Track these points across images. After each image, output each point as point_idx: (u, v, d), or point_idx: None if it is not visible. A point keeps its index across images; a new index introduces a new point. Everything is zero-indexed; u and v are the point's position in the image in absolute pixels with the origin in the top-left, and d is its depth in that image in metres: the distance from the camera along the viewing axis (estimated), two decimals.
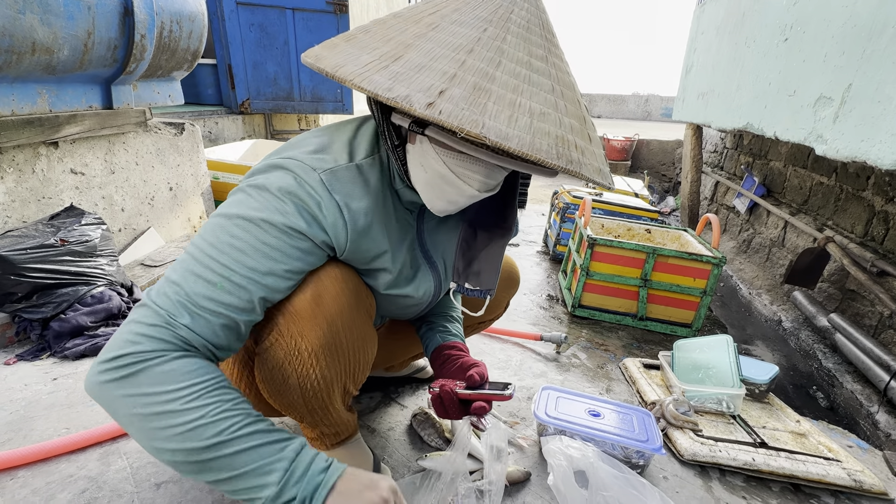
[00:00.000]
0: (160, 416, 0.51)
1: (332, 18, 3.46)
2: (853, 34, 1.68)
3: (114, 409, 0.53)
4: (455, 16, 0.55)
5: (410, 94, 0.48)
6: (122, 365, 0.51)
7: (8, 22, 1.21)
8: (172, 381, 0.52)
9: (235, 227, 0.58)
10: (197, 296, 0.55)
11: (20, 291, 1.33)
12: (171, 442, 0.51)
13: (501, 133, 0.48)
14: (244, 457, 0.53)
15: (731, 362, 1.31)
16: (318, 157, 0.62)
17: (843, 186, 2.48)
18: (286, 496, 0.53)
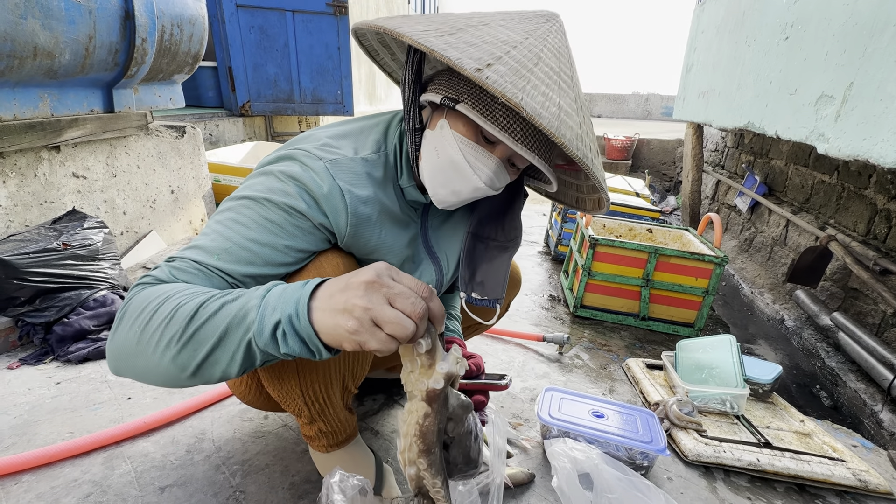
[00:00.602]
0: (148, 324, 0.51)
1: (331, 20, 3.47)
2: (854, 32, 1.68)
3: (126, 354, 0.53)
4: (502, 22, 0.63)
5: (462, 58, 0.54)
6: (118, 315, 0.54)
7: (9, 27, 1.21)
8: (152, 295, 0.53)
9: (240, 206, 0.61)
10: (194, 261, 0.58)
11: (23, 296, 1.33)
12: (162, 339, 0.50)
13: (536, 110, 0.54)
14: (222, 313, 0.50)
15: (735, 362, 1.31)
16: (325, 148, 0.65)
17: (844, 185, 2.47)
18: (270, 322, 0.48)
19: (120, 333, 0.53)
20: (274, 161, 0.65)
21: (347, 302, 0.46)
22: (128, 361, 0.53)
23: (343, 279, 0.49)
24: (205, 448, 0.98)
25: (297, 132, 4.00)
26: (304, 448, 1.00)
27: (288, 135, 3.92)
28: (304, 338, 0.48)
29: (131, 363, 0.53)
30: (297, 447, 1.00)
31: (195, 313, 0.50)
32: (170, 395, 1.17)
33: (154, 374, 0.53)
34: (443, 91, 0.64)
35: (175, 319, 0.50)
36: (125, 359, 0.53)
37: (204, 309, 0.50)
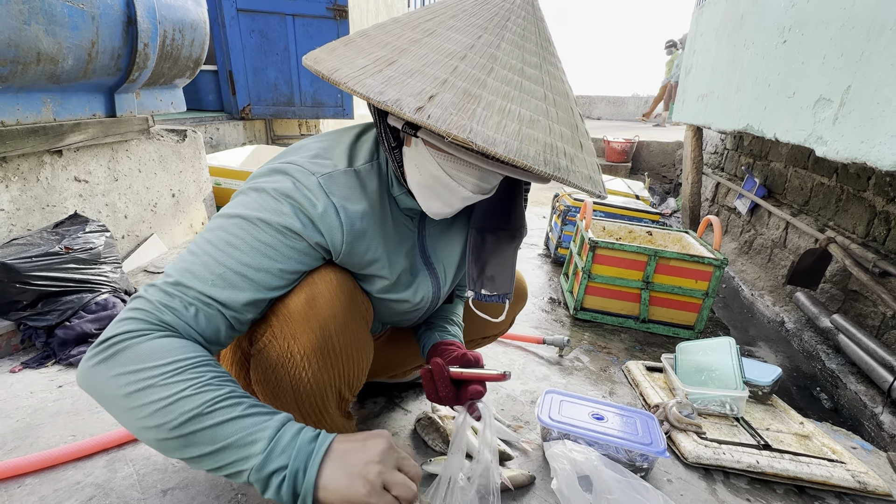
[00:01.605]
0: (142, 391, 0.51)
1: (332, 24, 3.48)
2: (851, 36, 1.69)
3: (101, 393, 0.53)
4: (451, 22, 0.56)
5: (401, 99, 0.49)
6: (108, 346, 0.52)
7: (13, 33, 1.23)
8: (155, 356, 0.52)
9: (233, 225, 0.60)
10: (188, 288, 0.57)
11: (25, 299, 1.34)
12: (153, 418, 0.50)
13: (489, 139, 0.48)
14: (226, 428, 0.51)
15: (734, 364, 1.31)
16: (318, 161, 0.64)
17: (843, 187, 2.48)
18: (272, 465, 0.51)
19: (104, 372, 0.52)
20: (266, 175, 0.63)
21: (364, 467, 0.53)
22: (102, 401, 0.53)
23: (359, 438, 0.56)
24: None
25: (298, 135, 4.02)
26: None
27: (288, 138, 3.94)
28: (300, 495, 0.51)
29: (106, 404, 0.53)
30: None
31: (198, 414, 0.50)
32: None
33: (127, 425, 0.53)
34: (402, 119, 0.60)
35: (174, 408, 0.50)
36: (100, 396, 0.53)
37: (209, 414, 0.51)
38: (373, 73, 0.52)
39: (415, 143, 0.64)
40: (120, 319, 0.54)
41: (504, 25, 0.56)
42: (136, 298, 0.57)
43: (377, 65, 0.53)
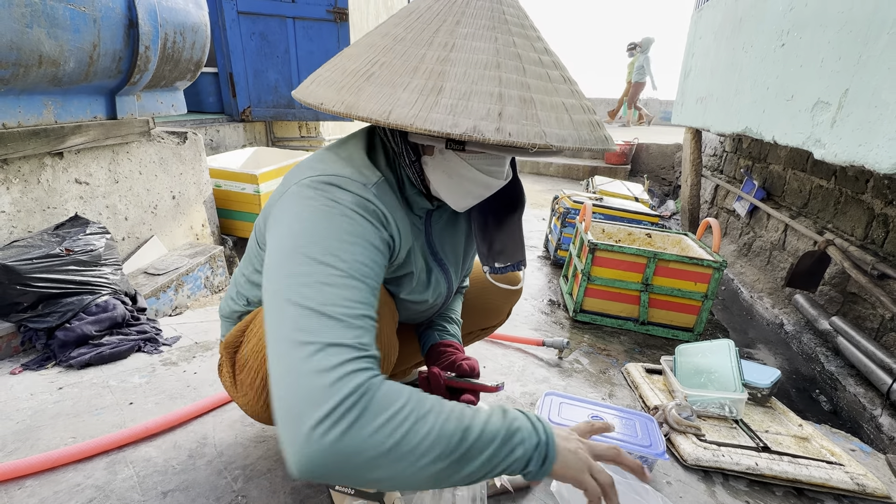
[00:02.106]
0: (409, 434, 0.47)
1: (332, 27, 3.50)
2: (849, 39, 1.70)
3: (354, 461, 0.46)
4: (461, 30, 0.56)
5: (477, 125, 0.50)
6: (349, 407, 0.45)
7: (16, 36, 1.23)
8: (396, 398, 0.49)
9: (332, 275, 0.54)
10: (345, 310, 0.51)
11: (26, 301, 1.34)
12: (428, 454, 0.48)
13: (560, 137, 0.53)
14: (488, 432, 0.53)
15: (733, 366, 1.31)
16: (359, 173, 0.62)
17: (842, 189, 2.49)
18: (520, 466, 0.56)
19: (357, 434, 0.45)
20: (320, 188, 0.58)
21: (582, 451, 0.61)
22: (357, 467, 0.46)
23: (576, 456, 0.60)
24: (207, 453, 0.99)
25: (298, 137, 4.02)
26: None
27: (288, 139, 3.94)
28: (545, 467, 0.58)
29: (362, 469, 0.46)
30: None
31: (465, 428, 0.51)
32: (171, 400, 1.18)
33: (393, 477, 0.48)
34: (440, 139, 0.60)
35: (442, 436, 0.50)
36: (355, 462, 0.46)
37: (470, 427, 0.52)
38: (430, 106, 0.51)
39: (439, 153, 0.64)
40: (326, 376, 0.46)
41: (504, 19, 0.58)
42: (300, 346, 0.48)
43: (427, 96, 0.52)
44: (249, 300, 0.80)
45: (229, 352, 0.80)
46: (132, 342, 1.41)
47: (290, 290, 0.51)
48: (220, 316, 0.88)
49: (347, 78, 0.57)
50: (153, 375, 1.29)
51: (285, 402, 0.47)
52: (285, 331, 0.50)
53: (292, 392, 0.47)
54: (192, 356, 1.41)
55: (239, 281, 0.82)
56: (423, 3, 0.61)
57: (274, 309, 0.52)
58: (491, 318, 1.15)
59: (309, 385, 0.46)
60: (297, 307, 0.50)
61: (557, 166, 6.50)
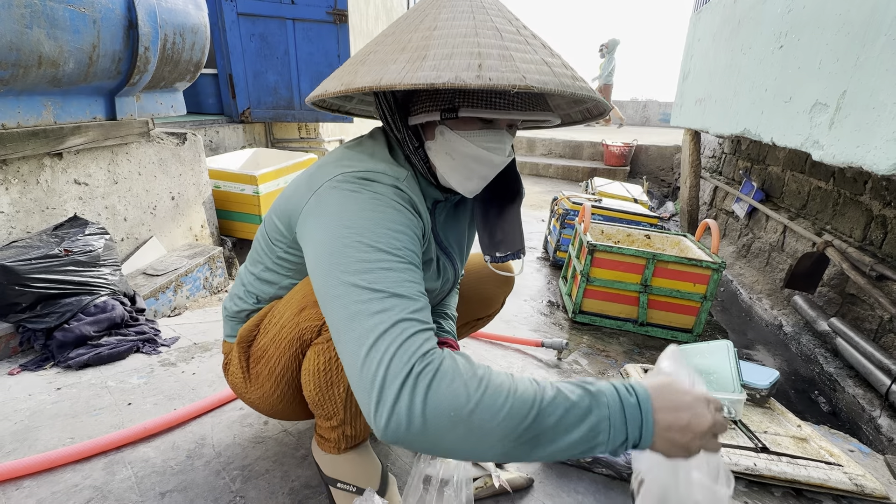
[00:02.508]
0: (478, 407, 0.49)
1: (332, 28, 3.50)
2: (846, 42, 1.71)
3: (434, 424, 0.49)
4: (444, 14, 0.63)
5: (458, 74, 0.54)
6: (420, 372, 0.50)
7: (15, 36, 1.23)
8: (468, 370, 0.51)
9: (389, 261, 0.58)
10: (409, 290, 0.56)
11: (24, 301, 1.34)
12: (498, 430, 0.50)
13: (540, 81, 0.56)
14: (564, 423, 0.52)
15: (732, 367, 1.31)
16: (390, 167, 0.67)
17: (840, 191, 2.50)
18: (615, 444, 0.53)
19: (440, 394, 0.49)
20: (359, 182, 0.62)
21: (691, 443, 0.54)
22: (436, 433, 0.49)
23: (676, 395, 0.55)
24: (205, 453, 0.99)
25: (297, 138, 4.03)
26: (303, 453, 1.00)
27: (287, 141, 3.94)
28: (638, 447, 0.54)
29: (441, 432, 0.49)
30: (296, 452, 1.00)
31: (535, 416, 0.51)
32: (169, 401, 1.18)
33: (462, 449, 0.51)
34: (434, 107, 0.65)
35: (514, 414, 0.50)
36: (434, 431, 0.49)
37: (541, 413, 0.51)
38: (416, 68, 0.56)
39: (440, 134, 0.68)
40: (412, 350, 0.51)
41: (482, 5, 0.65)
42: (402, 322, 0.52)
43: (413, 62, 0.57)
44: (259, 298, 0.81)
45: (242, 346, 0.80)
46: (131, 343, 1.41)
47: (352, 276, 0.55)
48: (225, 316, 0.88)
49: (346, 66, 0.65)
50: (152, 376, 1.29)
51: (365, 383, 0.51)
52: (352, 313, 0.53)
53: (372, 369, 0.50)
54: (191, 357, 1.41)
55: (247, 280, 0.83)
56: (413, 7, 0.71)
57: (335, 295, 0.56)
58: (486, 308, 1.16)
59: (386, 361, 0.50)
60: (361, 290, 0.54)
61: (556, 168, 6.51)
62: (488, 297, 1.14)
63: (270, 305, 0.79)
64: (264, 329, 0.78)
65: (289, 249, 0.73)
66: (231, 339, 0.87)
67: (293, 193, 0.69)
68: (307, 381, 0.74)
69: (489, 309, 1.18)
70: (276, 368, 0.77)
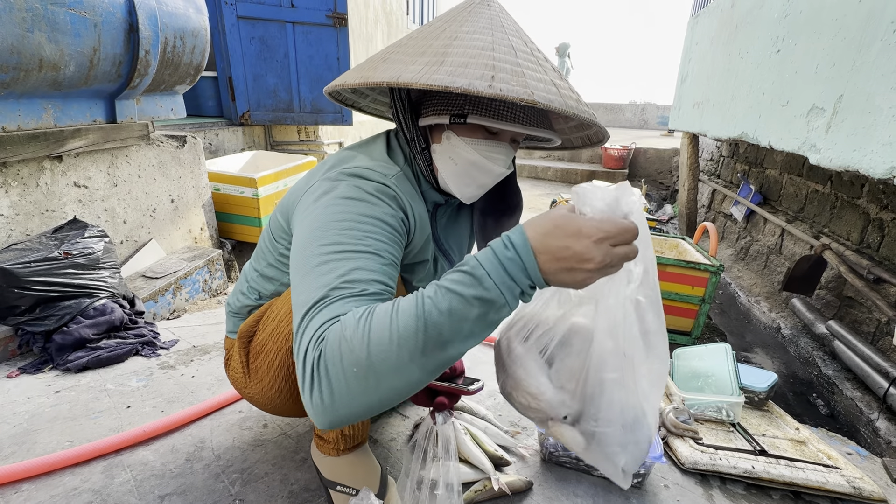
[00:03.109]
0: (372, 352, 0.49)
1: (331, 32, 3.51)
2: (843, 46, 1.72)
3: (350, 398, 0.50)
4: (465, 28, 0.68)
5: (472, 82, 0.58)
6: (314, 364, 0.51)
7: (16, 40, 1.24)
8: (348, 323, 0.51)
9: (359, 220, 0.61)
10: (356, 277, 0.56)
11: (23, 304, 1.34)
12: (402, 355, 0.49)
13: (546, 98, 0.59)
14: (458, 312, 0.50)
15: (730, 370, 1.32)
16: (381, 165, 0.69)
17: (838, 194, 2.51)
18: (513, 301, 0.51)
19: (335, 377, 0.50)
20: (343, 179, 0.64)
21: (584, 278, 0.51)
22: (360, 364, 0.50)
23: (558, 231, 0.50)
24: (204, 456, 0.99)
25: (297, 141, 4.03)
26: (303, 456, 1.00)
27: (287, 143, 3.95)
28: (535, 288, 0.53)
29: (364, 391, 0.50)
30: (296, 455, 1.00)
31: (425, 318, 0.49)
32: (169, 404, 1.18)
33: (397, 388, 0.51)
34: (445, 111, 0.69)
35: (408, 336, 0.49)
36: (355, 392, 0.50)
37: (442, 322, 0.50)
38: (433, 71, 0.60)
39: (446, 138, 0.71)
40: (305, 345, 0.52)
41: (501, 25, 0.69)
42: (313, 309, 0.54)
43: (431, 66, 0.61)
44: (261, 294, 0.83)
45: (243, 341, 0.82)
46: (130, 346, 1.41)
47: (309, 269, 0.58)
48: (229, 312, 0.90)
49: (367, 63, 0.70)
50: (151, 379, 1.29)
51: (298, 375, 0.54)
52: (299, 307, 0.56)
53: (298, 360, 0.53)
54: (190, 360, 1.41)
55: (251, 276, 0.84)
56: (437, 17, 0.74)
57: (294, 289, 0.59)
58: None
59: (304, 349, 0.52)
60: (311, 281, 0.56)
61: (555, 171, 6.52)
62: None
63: (270, 302, 0.80)
64: (263, 325, 0.79)
65: (289, 246, 0.74)
66: (233, 335, 0.88)
67: (294, 191, 0.73)
68: None
69: None
70: (275, 363, 0.78)
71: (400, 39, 0.73)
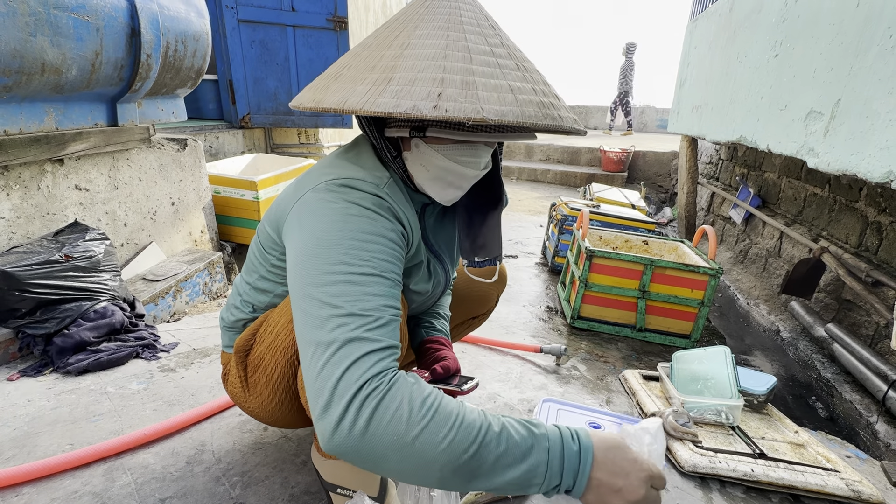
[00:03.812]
0: (422, 434, 0.51)
1: (331, 35, 3.53)
2: (840, 51, 1.73)
3: (371, 449, 0.51)
4: (418, 32, 0.63)
5: (416, 104, 0.55)
6: (365, 399, 0.51)
7: (19, 44, 1.25)
8: (417, 395, 0.53)
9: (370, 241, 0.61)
10: (367, 304, 0.57)
11: (24, 307, 1.34)
12: (439, 459, 0.51)
13: (498, 112, 0.56)
14: (513, 473, 0.54)
15: (729, 373, 1.32)
16: (371, 174, 0.68)
17: (836, 197, 2.52)
18: (549, 486, 0.55)
19: (377, 425, 0.51)
20: (338, 191, 0.63)
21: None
22: (373, 454, 0.51)
23: (619, 462, 0.57)
24: (205, 460, 0.99)
25: (297, 144, 4.04)
26: (303, 459, 1.00)
27: (287, 146, 3.96)
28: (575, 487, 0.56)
29: (379, 456, 0.51)
30: (296, 458, 1.01)
31: (475, 451, 0.52)
32: (169, 406, 1.18)
33: (401, 471, 0.53)
34: (405, 124, 0.67)
35: (455, 446, 0.52)
36: (371, 451, 0.51)
37: (482, 448, 0.53)
38: (379, 93, 0.57)
39: (415, 146, 0.69)
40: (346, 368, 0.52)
41: (460, 20, 0.64)
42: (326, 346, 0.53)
43: (378, 85, 0.58)
44: (255, 307, 0.82)
45: (240, 355, 0.81)
46: (130, 348, 1.41)
47: (315, 289, 0.57)
48: (223, 327, 0.88)
49: (321, 80, 0.66)
50: (151, 382, 1.29)
51: (314, 395, 0.53)
52: (311, 327, 0.55)
53: (322, 384, 0.52)
54: (191, 362, 1.41)
55: (243, 289, 0.83)
56: (395, 15, 0.70)
57: (300, 307, 0.58)
58: (481, 306, 1.17)
59: (335, 378, 0.52)
60: (321, 304, 0.56)
61: (555, 173, 6.54)
62: (482, 295, 1.15)
63: (266, 314, 0.80)
64: (260, 338, 0.78)
65: (281, 257, 0.73)
66: (229, 349, 0.88)
67: (281, 201, 0.71)
68: (303, 387, 0.75)
69: (483, 307, 1.19)
70: (273, 376, 0.78)
71: (360, 43, 0.68)
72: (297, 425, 0.91)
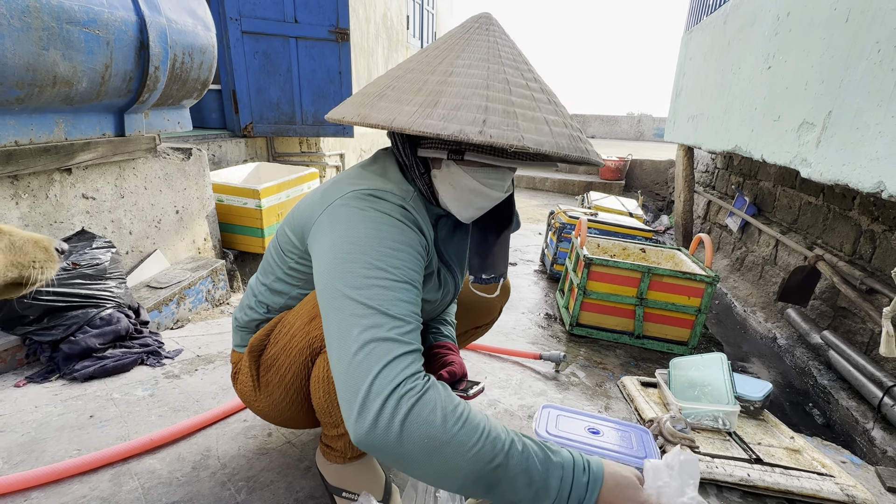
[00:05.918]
0: (452, 441, 0.53)
1: (333, 47, 3.58)
2: (831, 64, 1.78)
3: (402, 447, 0.53)
4: (460, 61, 0.67)
5: (463, 128, 0.59)
6: (406, 392, 0.54)
7: (32, 58, 1.28)
8: (449, 403, 0.55)
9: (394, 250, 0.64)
10: (400, 310, 0.60)
11: (31, 314, 1.36)
12: (464, 467, 0.54)
13: (536, 141, 0.60)
14: (521, 479, 0.56)
15: (726, 380, 1.34)
16: (398, 187, 0.71)
17: (830, 206, 2.56)
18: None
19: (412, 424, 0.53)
20: (366, 199, 0.66)
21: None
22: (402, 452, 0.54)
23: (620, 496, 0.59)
24: (210, 465, 1.01)
25: (299, 153, 4.08)
26: (307, 464, 1.02)
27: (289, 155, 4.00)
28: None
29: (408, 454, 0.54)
30: (300, 464, 1.02)
31: (497, 464, 0.55)
32: (174, 412, 1.19)
33: (425, 472, 0.55)
34: (443, 146, 0.69)
35: (479, 457, 0.54)
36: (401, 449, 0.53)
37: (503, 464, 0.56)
38: (426, 115, 0.61)
39: (446, 166, 0.72)
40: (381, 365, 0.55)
41: (499, 54, 0.68)
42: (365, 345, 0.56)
43: (424, 108, 0.62)
44: (270, 308, 0.84)
45: (254, 355, 0.83)
46: (135, 355, 1.43)
47: (351, 290, 0.59)
48: (236, 327, 0.91)
49: (365, 98, 0.69)
50: (156, 388, 1.31)
51: (349, 389, 0.55)
52: (346, 325, 0.58)
53: (357, 379, 0.54)
54: (195, 369, 1.43)
55: (259, 290, 0.86)
56: (435, 43, 0.73)
57: (334, 306, 0.60)
58: (485, 316, 1.20)
59: (372, 375, 0.54)
60: (357, 304, 0.58)
61: (553, 181, 6.59)
62: (486, 306, 1.18)
63: (281, 316, 0.82)
64: (275, 339, 0.80)
65: (300, 260, 0.76)
66: (240, 348, 0.90)
67: (307, 207, 0.73)
68: (316, 389, 0.77)
69: (488, 317, 1.21)
70: (287, 377, 0.80)
71: (399, 65, 0.72)
72: (303, 425, 0.92)
